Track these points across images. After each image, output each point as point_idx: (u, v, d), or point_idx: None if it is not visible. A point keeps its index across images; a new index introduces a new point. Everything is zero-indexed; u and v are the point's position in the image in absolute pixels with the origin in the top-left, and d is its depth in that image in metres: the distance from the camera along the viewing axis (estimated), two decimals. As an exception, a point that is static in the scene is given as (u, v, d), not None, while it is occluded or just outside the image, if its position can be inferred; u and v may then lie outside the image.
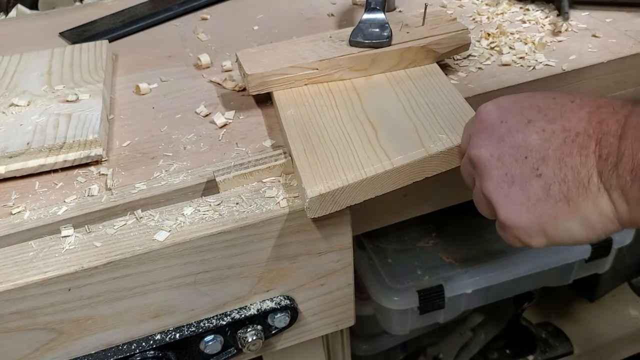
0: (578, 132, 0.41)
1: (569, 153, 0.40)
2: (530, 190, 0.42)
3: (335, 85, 0.62)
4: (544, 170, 0.41)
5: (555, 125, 0.42)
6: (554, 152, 0.41)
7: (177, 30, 0.84)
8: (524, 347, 1.08)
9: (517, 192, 0.42)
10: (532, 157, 0.42)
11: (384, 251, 0.90)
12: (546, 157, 0.41)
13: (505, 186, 0.43)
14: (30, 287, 0.46)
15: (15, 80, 0.68)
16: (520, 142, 0.42)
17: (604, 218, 0.41)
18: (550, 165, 0.41)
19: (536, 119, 0.43)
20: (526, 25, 0.74)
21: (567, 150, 0.41)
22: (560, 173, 0.41)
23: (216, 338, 0.55)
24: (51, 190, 0.55)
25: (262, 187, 0.54)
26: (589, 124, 0.41)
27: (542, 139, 0.42)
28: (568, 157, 0.40)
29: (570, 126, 0.41)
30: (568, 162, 0.40)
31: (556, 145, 0.41)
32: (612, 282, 1.14)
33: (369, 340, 0.99)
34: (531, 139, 0.42)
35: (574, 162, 0.40)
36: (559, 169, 0.41)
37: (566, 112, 0.42)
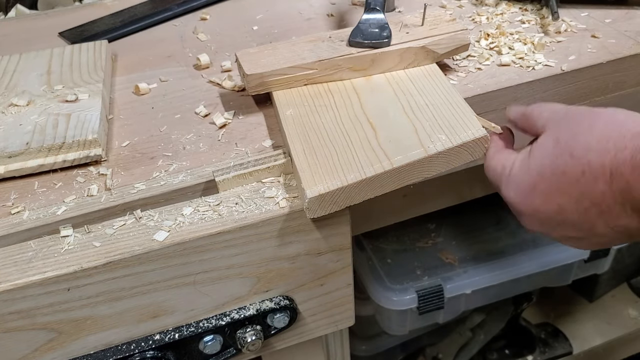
0: (608, 204, 0.43)
1: (610, 219, 0.44)
2: (593, 241, 0.47)
3: (335, 86, 0.62)
4: (597, 230, 0.45)
5: (584, 203, 0.44)
6: (598, 220, 0.45)
7: (176, 31, 0.84)
8: (523, 347, 1.09)
9: (582, 243, 0.48)
10: (582, 228, 0.46)
11: (383, 251, 0.90)
12: (593, 225, 0.45)
13: (570, 241, 0.49)
14: (29, 287, 0.46)
15: (15, 80, 0.68)
16: (564, 221, 0.46)
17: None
18: (601, 228, 0.45)
19: (563, 202, 0.46)
20: (525, 26, 0.74)
21: (608, 217, 0.44)
22: (612, 231, 0.45)
23: (215, 338, 0.55)
24: (50, 190, 0.55)
25: (261, 187, 0.54)
26: (613, 195, 0.43)
27: (581, 216, 0.45)
28: (611, 221, 0.44)
29: (598, 201, 0.44)
30: (613, 224, 0.44)
31: (595, 216, 0.44)
32: (611, 282, 1.14)
33: (369, 340, 0.99)
34: (571, 217, 0.46)
35: (620, 223, 0.44)
36: (610, 229, 0.45)
37: (584, 188, 0.44)
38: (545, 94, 0.66)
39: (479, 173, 0.72)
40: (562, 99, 0.67)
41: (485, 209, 0.95)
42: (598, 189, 0.43)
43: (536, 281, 0.90)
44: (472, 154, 0.54)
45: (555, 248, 0.88)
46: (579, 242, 0.48)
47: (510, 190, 0.49)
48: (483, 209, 0.95)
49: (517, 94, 0.64)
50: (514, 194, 0.49)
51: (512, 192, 0.49)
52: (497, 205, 0.96)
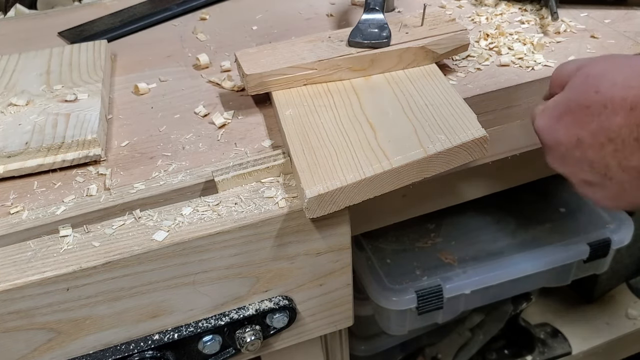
0: (623, 139, 0.45)
1: (623, 157, 0.46)
2: (609, 189, 0.48)
3: (334, 86, 0.62)
4: (612, 174, 0.47)
5: (600, 138, 0.46)
6: (612, 160, 0.46)
7: (176, 30, 0.84)
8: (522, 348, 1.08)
9: (600, 191, 0.50)
10: (596, 166, 0.48)
11: (382, 251, 0.90)
12: (607, 164, 0.47)
13: (588, 187, 0.50)
14: (28, 287, 0.46)
15: (14, 80, 0.68)
16: (580, 157, 0.49)
17: None
18: (614, 170, 0.47)
19: (583, 136, 0.48)
20: (525, 26, 0.74)
21: (621, 155, 0.46)
22: (624, 174, 0.46)
23: (215, 338, 0.55)
24: (50, 190, 0.55)
25: (260, 187, 0.54)
26: (629, 129, 0.44)
27: (596, 152, 0.47)
28: (624, 161, 0.46)
29: (614, 136, 0.46)
30: (626, 165, 0.46)
31: (610, 154, 0.46)
32: (610, 282, 1.14)
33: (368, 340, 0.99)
34: (587, 153, 0.48)
35: (632, 164, 0.46)
36: (622, 171, 0.46)
37: (603, 122, 0.46)
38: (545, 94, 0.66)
39: (479, 173, 0.72)
40: (562, 99, 0.67)
41: (484, 209, 0.95)
42: (616, 122, 0.45)
43: (535, 281, 0.90)
44: (472, 154, 0.54)
45: (555, 248, 0.88)
46: (594, 189, 0.50)
47: (541, 120, 0.52)
48: (482, 209, 0.95)
49: (516, 94, 0.64)
50: (543, 123, 0.52)
51: (541, 121, 0.52)
52: (496, 205, 0.96)
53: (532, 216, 0.93)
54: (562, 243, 0.89)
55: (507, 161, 0.68)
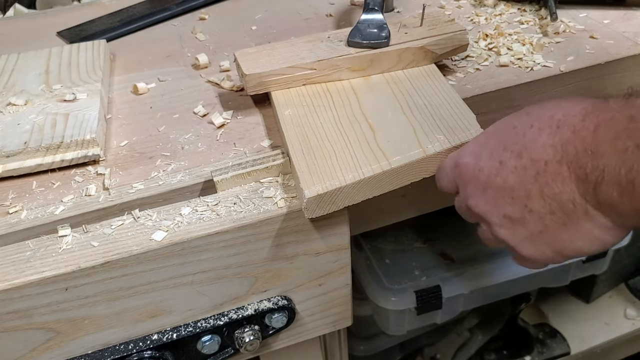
0: (546, 160, 0.41)
1: (545, 183, 0.42)
2: (530, 225, 0.44)
3: (334, 86, 0.62)
4: (532, 205, 0.43)
5: (523, 159, 0.43)
6: (533, 187, 0.42)
7: (175, 30, 0.84)
8: (521, 348, 1.09)
9: (520, 230, 0.44)
10: (516, 196, 0.43)
11: (381, 251, 0.90)
12: (528, 193, 0.42)
13: (509, 226, 0.45)
14: (27, 287, 0.46)
15: (13, 80, 0.68)
16: (502, 185, 0.44)
17: (607, 229, 0.41)
18: (535, 199, 0.42)
19: (505, 158, 0.44)
20: (524, 27, 0.74)
21: (543, 181, 0.42)
22: (545, 204, 0.42)
23: (213, 338, 0.55)
24: (48, 190, 0.55)
25: (260, 187, 0.54)
26: (554, 149, 0.41)
27: (518, 177, 0.43)
28: (546, 188, 0.42)
29: (537, 156, 0.42)
30: (548, 192, 0.42)
31: (531, 179, 0.42)
32: (609, 283, 1.15)
33: (367, 340, 0.99)
34: (509, 179, 0.43)
35: (553, 191, 0.41)
36: (544, 201, 0.42)
37: (528, 141, 0.43)
38: (544, 94, 0.66)
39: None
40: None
41: (483, 209, 0.95)
42: (540, 141, 0.42)
43: (534, 281, 0.90)
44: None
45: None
46: (514, 229, 0.45)
47: (464, 154, 0.48)
48: (481, 210, 0.95)
49: (515, 95, 0.64)
50: (467, 154, 0.47)
51: (465, 154, 0.48)
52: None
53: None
54: (561, 243, 0.89)
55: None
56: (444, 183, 0.51)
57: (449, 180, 0.50)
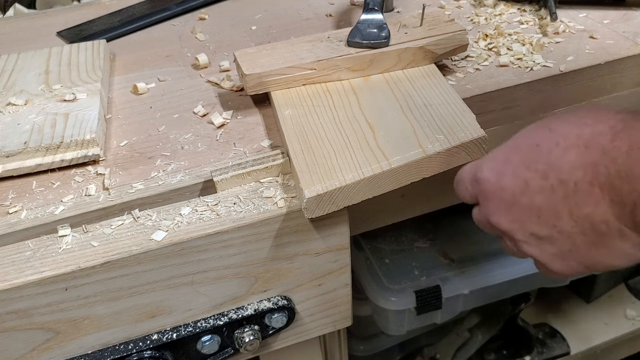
0: (575, 182, 0.40)
1: (575, 204, 0.40)
2: (559, 244, 0.42)
3: (333, 86, 0.62)
4: (562, 225, 0.41)
5: (550, 180, 0.41)
6: (562, 207, 0.41)
7: (175, 30, 0.84)
8: (520, 348, 1.09)
9: (548, 248, 0.43)
10: (544, 216, 0.42)
11: (381, 251, 0.90)
12: (557, 213, 0.41)
13: (536, 244, 0.44)
14: (27, 287, 0.46)
15: (13, 80, 0.68)
16: (528, 205, 0.43)
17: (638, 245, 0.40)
18: (564, 220, 0.41)
19: (530, 178, 0.42)
20: (524, 27, 0.74)
21: (573, 202, 0.40)
22: (576, 225, 0.41)
23: (213, 338, 0.55)
24: (48, 190, 0.55)
25: (259, 187, 0.54)
26: (583, 170, 0.39)
27: (545, 197, 0.42)
28: (576, 209, 0.40)
29: (566, 177, 0.40)
30: (578, 213, 0.40)
31: (560, 200, 0.41)
32: (608, 283, 1.15)
33: (366, 340, 0.99)
34: (535, 200, 0.42)
35: (584, 212, 0.40)
36: (574, 222, 0.41)
37: (554, 161, 0.41)
38: (544, 95, 0.66)
39: (477, 173, 0.72)
40: (560, 99, 0.67)
41: (483, 209, 0.95)
42: (568, 161, 0.40)
43: (534, 281, 0.90)
44: (471, 154, 0.54)
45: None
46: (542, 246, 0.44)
47: (485, 165, 0.46)
48: (481, 210, 0.95)
49: (515, 95, 0.64)
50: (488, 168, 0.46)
51: (486, 166, 0.46)
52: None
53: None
54: (560, 243, 0.89)
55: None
56: (464, 195, 0.50)
57: (470, 194, 0.49)
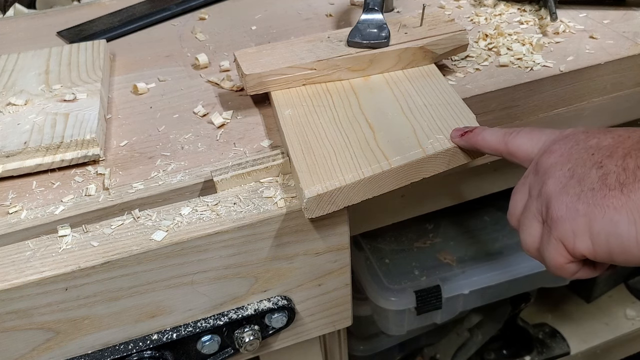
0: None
1: (638, 149, 0.41)
2: (587, 180, 0.42)
3: (333, 86, 0.62)
4: (607, 162, 0.41)
5: (631, 134, 0.43)
6: (624, 150, 0.41)
7: (175, 30, 0.84)
8: (521, 348, 1.09)
9: (574, 185, 0.42)
10: (599, 153, 0.42)
11: (381, 251, 0.90)
12: (613, 152, 0.42)
13: (564, 180, 0.43)
14: (27, 287, 0.46)
15: (13, 80, 0.68)
16: (593, 144, 0.43)
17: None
18: (615, 158, 0.41)
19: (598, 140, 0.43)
20: (524, 27, 0.74)
21: (638, 147, 0.41)
22: (622, 163, 0.41)
23: (213, 338, 0.55)
24: (48, 190, 0.55)
25: (259, 187, 0.54)
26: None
27: (616, 141, 0.42)
28: (636, 152, 0.41)
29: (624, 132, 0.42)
30: (635, 155, 0.41)
31: (629, 144, 0.41)
32: (608, 283, 1.15)
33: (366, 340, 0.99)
34: (606, 140, 0.43)
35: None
36: (622, 160, 0.41)
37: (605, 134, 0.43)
38: (544, 94, 0.66)
39: (478, 173, 0.72)
40: (560, 99, 0.67)
41: (483, 209, 0.95)
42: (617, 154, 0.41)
43: (534, 281, 0.90)
44: (471, 154, 0.54)
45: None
46: (567, 184, 0.43)
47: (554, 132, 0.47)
48: (481, 210, 0.95)
49: (515, 95, 0.64)
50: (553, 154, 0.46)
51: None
52: (495, 205, 0.96)
53: (531, 216, 0.93)
54: (560, 243, 0.89)
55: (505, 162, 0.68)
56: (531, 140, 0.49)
57: (537, 147, 0.48)
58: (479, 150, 0.53)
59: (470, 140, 0.52)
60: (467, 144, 0.53)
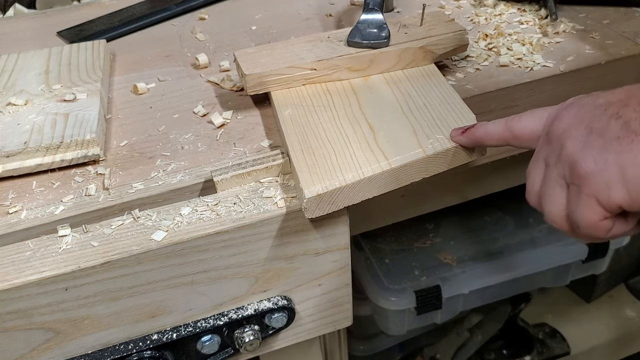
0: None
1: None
2: (609, 132, 0.41)
3: (333, 86, 0.62)
4: (624, 112, 0.40)
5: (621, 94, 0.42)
6: (638, 98, 0.40)
7: (175, 30, 0.84)
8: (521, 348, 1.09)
9: (596, 139, 0.41)
10: (612, 107, 0.41)
11: (381, 251, 0.90)
12: (628, 103, 0.41)
13: (582, 138, 0.42)
14: (27, 287, 0.46)
15: (13, 80, 0.68)
16: (602, 102, 0.42)
17: None
18: (631, 106, 0.40)
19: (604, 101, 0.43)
20: (524, 27, 0.74)
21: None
22: (637, 112, 0.40)
23: (213, 338, 0.55)
24: (48, 190, 0.55)
25: (259, 187, 0.54)
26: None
27: (627, 94, 0.42)
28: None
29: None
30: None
31: (632, 93, 0.41)
32: (608, 283, 1.15)
33: (366, 340, 0.99)
34: (614, 97, 0.42)
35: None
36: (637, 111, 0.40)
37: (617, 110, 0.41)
38: (544, 94, 0.66)
39: (478, 173, 0.72)
40: (560, 99, 0.67)
41: (483, 209, 0.95)
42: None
43: (534, 281, 0.90)
44: (470, 154, 0.54)
45: (553, 248, 0.89)
46: (587, 138, 0.42)
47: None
48: (481, 210, 0.95)
49: (515, 95, 0.64)
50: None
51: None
52: (495, 205, 0.96)
53: (531, 216, 0.93)
54: (560, 243, 0.89)
55: (505, 161, 0.68)
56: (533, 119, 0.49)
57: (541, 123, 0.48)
58: (482, 145, 0.52)
59: (473, 136, 0.52)
60: (469, 140, 0.52)
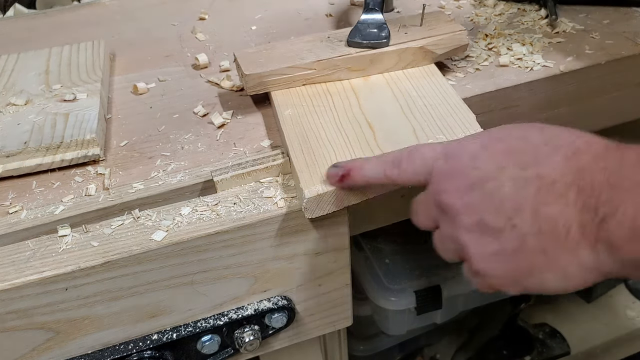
0: (554, 179, 0.38)
1: (544, 202, 0.37)
2: (505, 241, 0.39)
3: (333, 86, 0.62)
4: (518, 221, 0.38)
5: (528, 172, 0.39)
6: (528, 202, 0.38)
7: (175, 30, 0.84)
8: (521, 348, 1.09)
9: (491, 242, 0.40)
10: (505, 207, 0.39)
11: (381, 251, 0.90)
12: (520, 207, 0.38)
13: (477, 235, 0.40)
14: (27, 287, 0.46)
15: (13, 80, 0.68)
16: (493, 191, 0.39)
17: (583, 269, 0.38)
18: (525, 216, 0.38)
19: (508, 166, 0.39)
20: (524, 27, 0.74)
21: (542, 199, 0.38)
22: (535, 224, 0.38)
23: (213, 338, 0.55)
24: (48, 190, 0.55)
25: (259, 187, 0.54)
26: (567, 170, 0.37)
27: (516, 187, 0.39)
28: (544, 207, 0.38)
29: (545, 173, 0.38)
30: (543, 212, 0.38)
31: (530, 194, 0.38)
32: (609, 283, 1.15)
33: (366, 340, 0.99)
34: (504, 188, 0.39)
35: (551, 211, 0.37)
36: (533, 220, 0.38)
37: (539, 156, 0.39)
38: (543, 94, 0.66)
39: (477, 173, 0.72)
40: (560, 99, 0.67)
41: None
42: (554, 160, 0.38)
43: (534, 282, 0.90)
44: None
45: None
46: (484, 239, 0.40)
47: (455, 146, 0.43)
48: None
49: (515, 95, 0.64)
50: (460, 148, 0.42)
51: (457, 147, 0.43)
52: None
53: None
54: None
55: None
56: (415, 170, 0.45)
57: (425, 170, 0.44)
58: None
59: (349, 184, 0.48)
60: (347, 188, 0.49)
